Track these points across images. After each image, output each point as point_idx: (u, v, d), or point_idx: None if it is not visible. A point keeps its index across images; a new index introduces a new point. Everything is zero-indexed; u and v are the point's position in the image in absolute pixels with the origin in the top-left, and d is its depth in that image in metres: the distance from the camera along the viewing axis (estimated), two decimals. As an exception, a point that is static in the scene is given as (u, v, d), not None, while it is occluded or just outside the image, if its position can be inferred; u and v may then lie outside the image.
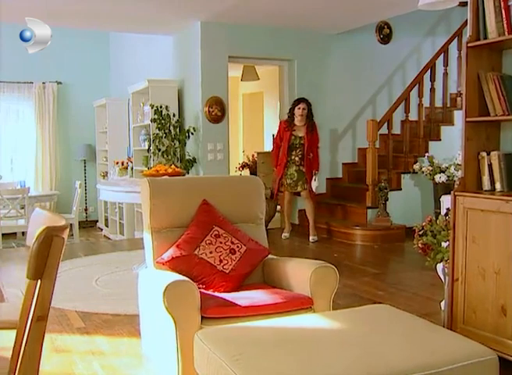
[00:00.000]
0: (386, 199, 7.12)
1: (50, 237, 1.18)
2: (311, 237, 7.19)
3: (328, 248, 6.84)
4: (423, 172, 7.29)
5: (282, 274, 3.31)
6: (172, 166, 5.33)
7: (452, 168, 7.07)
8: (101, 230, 10.36)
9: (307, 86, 7.93)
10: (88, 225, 10.82)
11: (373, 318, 2.58)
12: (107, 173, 10.27)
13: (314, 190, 7.09)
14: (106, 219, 9.96)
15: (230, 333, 2.33)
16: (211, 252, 3.25)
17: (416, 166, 7.41)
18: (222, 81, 7.44)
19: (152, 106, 7.38)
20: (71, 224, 9.03)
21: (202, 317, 2.76)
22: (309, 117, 7.10)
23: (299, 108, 7.07)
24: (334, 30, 7.99)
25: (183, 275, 2.98)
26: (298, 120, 7.10)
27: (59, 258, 1.21)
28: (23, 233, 8.97)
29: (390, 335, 2.32)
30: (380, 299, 4.64)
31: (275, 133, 7.40)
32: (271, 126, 11.12)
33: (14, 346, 1.29)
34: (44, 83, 10.51)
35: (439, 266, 4.18)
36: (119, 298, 4.67)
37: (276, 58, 7.91)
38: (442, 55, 7.89)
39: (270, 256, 3.52)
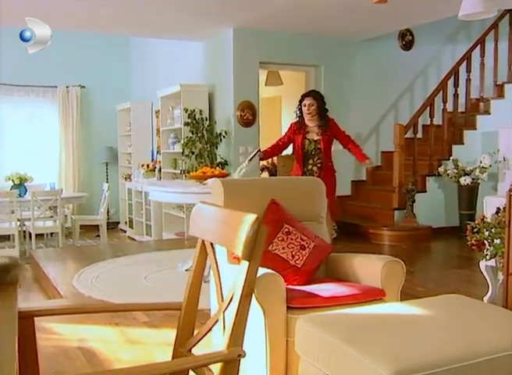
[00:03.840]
0: (413, 201, 7.35)
1: (259, 225, 1.40)
2: None
3: (359, 249, 7.06)
4: (448, 175, 7.53)
5: (349, 268, 3.52)
6: (218, 169, 5.55)
7: (477, 171, 7.32)
8: (124, 231, 10.55)
9: (333, 91, 8.15)
10: (110, 226, 11.00)
11: (450, 305, 2.80)
12: (130, 175, 10.49)
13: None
14: (130, 221, 10.15)
15: (331, 318, 2.55)
16: (283, 248, 3.47)
17: (441, 169, 7.65)
18: (253, 86, 7.68)
19: (186, 110, 7.61)
20: (98, 225, 9.27)
21: (287, 307, 2.97)
22: (321, 114, 5.92)
23: (305, 106, 5.89)
24: (359, 37, 8.24)
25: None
26: (308, 120, 5.93)
27: (263, 244, 1.42)
28: (52, 234, 9.17)
29: (471, 319, 2.54)
30: (423, 295, 4.85)
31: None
32: (289, 129, 11.35)
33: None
34: (67, 87, 10.72)
35: (482, 264, 4.40)
36: (172, 294, 4.84)
37: (304, 64, 8.15)
38: (465, 61, 8.12)
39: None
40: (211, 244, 1.74)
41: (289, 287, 3.28)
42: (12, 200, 7.78)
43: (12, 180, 8.41)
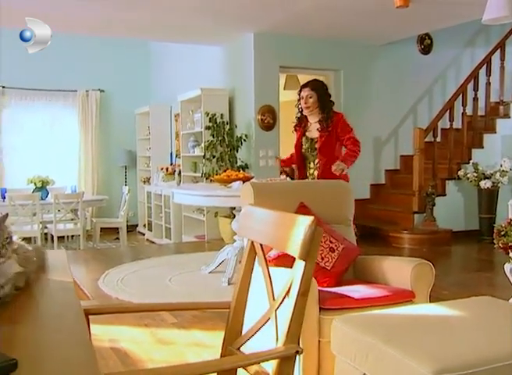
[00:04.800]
0: (433, 204, 7.37)
1: (317, 226, 1.45)
2: None
3: (379, 252, 7.08)
4: (468, 178, 7.55)
5: (377, 270, 3.57)
6: (242, 172, 5.61)
7: (497, 174, 7.33)
8: (143, 234, 10.63)
9: (352, 95, 8.22)
10: (128, 229, 11.07)
11: (481, 307, 2.84)
12: (149, 178, 10.58)
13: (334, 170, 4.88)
14: (149, 224, 10.23)
15: (367, 319, 2.59)
16: (313, 250, 3.52)
17: (460, 173, 7.67)
18: (274, 90, 7.75)
19: (207, 114, 7.68)
20: (117, 228, 9.36)
21: (319, 308, 3.02)
22: (322, 107, 5.03)
23: (302, 98, 5.07)
24: (378, 41, 8.28)
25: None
26: (309, 115, 5.13)
27: (318, 244, 1.48)
28: (72, 237, 9.26)
29: (503, 320, 2.58)
30: (448, 298, 4.88)
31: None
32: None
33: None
34: (87, 91, 10.84)
35: (507, 267, 4.42)
36: (198, 296, 4.94)
37: (323, 68, 8.19)
38: (485, 65, 8.14)
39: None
40: (261, 245, 1.79)
41: (320, 288, 3.34)
42: (34, 203, 7.88)
43: (34, 183, 8.50)
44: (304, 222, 1.47)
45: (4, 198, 8.02)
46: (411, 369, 2.10)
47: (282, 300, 1.60)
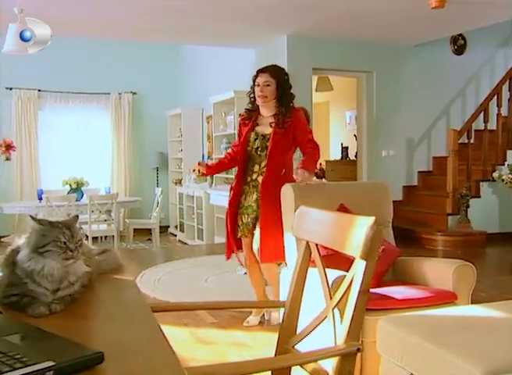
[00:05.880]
0: (468, 206, 7.33)
1: (377, 227, 1.48)
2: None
3: (413, 254, 7.06)
4: (503, 180, 7.49)
5: (418, 272, 3.58)
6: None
7: (533, 176, 7.27)
8: (175, 235, 10.72)
9: (385, 96, 8.20)
10: (160, 230, 11.18)
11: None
12: (180, 180, 10.67)
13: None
14: (181, 225, 10.31)
15: (412, 319, 2.62)
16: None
17: (495, 174, 7.61)
18: (307, 92, 7.76)
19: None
20: (150, 229, 9.46)
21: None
22: (280, 99, 4.09)
23: (258, 85, 4.07)
24: (411, 42, 8.26)
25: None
26: (262, 106, 4.12)
27: (378, 244, 1.51)
28: (106, 238, 9.38)
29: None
30: (486, 300, 4.85)
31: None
32: (337, 135, 11.42)
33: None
34: (120, 93, 10.96)
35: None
36: (234, 296, 4.98)
37: (356, 70, 8.19)
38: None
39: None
40: (316, 245, 1.83)
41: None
42: (70, 204, 8.00)
43: (70, 185, 8.63)
44: (366, 222, 1.50)
45: (41, 198, 8.16)
46: (462, 370, 2.11)
47: (340, 299, 1.63)
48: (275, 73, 4.14)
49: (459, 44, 8.82)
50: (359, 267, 1.51)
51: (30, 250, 1.42)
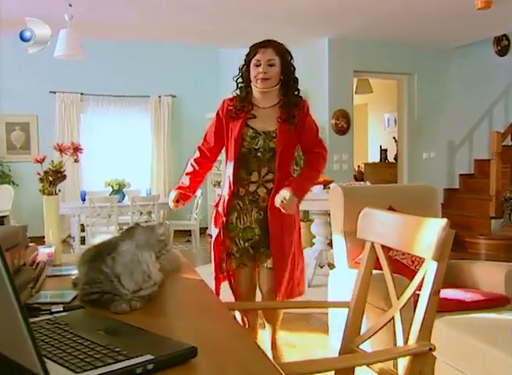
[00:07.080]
0: (512, 210, 7.24)
1: (450, 229, 1.50)
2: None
3: (455, 257, 7.00)
4: (548, 183, 7.37)
5: (467, 275, 3.56)
6: (323, 176, 5.64)
7: None
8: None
9: (426, 99, 8.15)
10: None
11: None
12: (219, 182, 10.74)
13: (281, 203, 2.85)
14: (220, 227, 10.35)
15: (469, 322, 2.63)
16: (403, 254, 3.54)
17: (540, 177, 7.50)
18: (348, 94, 7.77)
19: (281, 118, 7.75)
20: (189, 230, 9.55)
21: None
22: (287, 83, 3.07)
23: (257, 65, 3.06)
24: (453, 43, 8.18)
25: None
26: (261, 92, 3.06)
27: (451, 245, 1.53)
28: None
29: None
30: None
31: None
32: (376, 137, 11.37)
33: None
34: (159, 96, 11.09)
35: None
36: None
37: (397, 72, 8.16)
38: None
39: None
40: (382, 246, 1.85)
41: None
42: (112, 205, 8.13)
43: (112, 186, 8.77)
44: (438, 224, 1.52)
45: (84, 199, 8.31)
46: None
47: (408, 300, 1.65)
48: (280, 49, 3.14)
49: (502, 45, 8.71)
50: (431, 268, 1.53)
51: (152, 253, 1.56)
